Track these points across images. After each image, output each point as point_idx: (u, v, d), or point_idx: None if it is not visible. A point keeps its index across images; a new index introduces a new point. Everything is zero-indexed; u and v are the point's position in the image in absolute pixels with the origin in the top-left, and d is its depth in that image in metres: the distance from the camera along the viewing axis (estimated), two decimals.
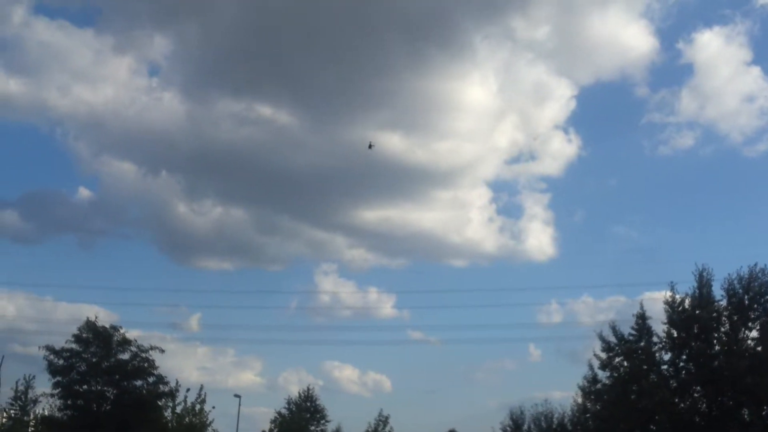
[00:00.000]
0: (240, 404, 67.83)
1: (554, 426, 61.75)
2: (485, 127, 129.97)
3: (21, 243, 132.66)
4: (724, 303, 43.25)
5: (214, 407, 60.44)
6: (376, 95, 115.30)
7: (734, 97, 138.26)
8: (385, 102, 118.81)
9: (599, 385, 46.31)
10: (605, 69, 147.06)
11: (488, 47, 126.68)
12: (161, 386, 52.89)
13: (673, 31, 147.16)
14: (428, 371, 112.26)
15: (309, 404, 73.98)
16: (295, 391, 79.88)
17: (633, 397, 43.48)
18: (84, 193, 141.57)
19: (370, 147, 63.25)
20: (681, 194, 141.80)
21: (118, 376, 51.69)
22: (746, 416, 41.24)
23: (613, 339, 45.10)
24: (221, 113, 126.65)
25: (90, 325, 52.06)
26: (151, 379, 52.41)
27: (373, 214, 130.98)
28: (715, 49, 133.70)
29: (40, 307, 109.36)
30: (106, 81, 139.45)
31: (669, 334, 43.95)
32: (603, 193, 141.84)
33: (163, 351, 53.04)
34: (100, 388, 51.70)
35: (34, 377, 59.38)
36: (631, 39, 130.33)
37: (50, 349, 50.69)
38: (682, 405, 43.00)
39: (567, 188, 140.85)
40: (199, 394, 59.52)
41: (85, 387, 51.63)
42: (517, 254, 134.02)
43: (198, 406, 58.92)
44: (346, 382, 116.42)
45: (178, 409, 57.87)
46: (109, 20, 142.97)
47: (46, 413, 54.92)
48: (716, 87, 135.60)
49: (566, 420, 59.33)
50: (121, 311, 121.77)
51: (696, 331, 42.93)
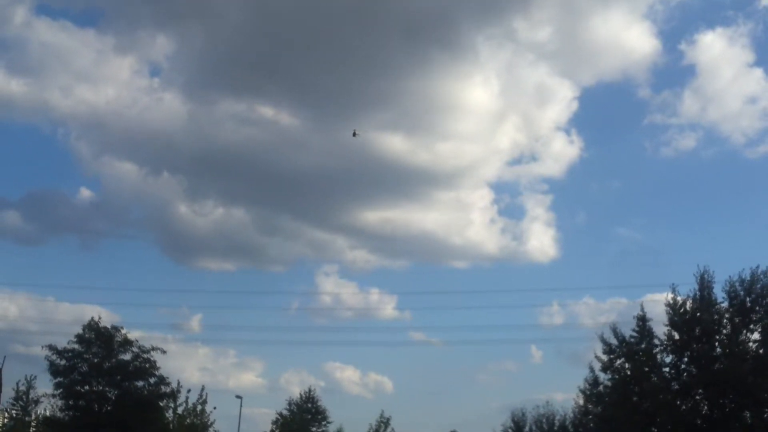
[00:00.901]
0: (241, 405, 67.90)
1: (555, 428, 61.75)
2: (487, 129, 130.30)
3: (23, 243, 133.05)
4: (725, 305, 43.19)
5: (215, 408, 60.78)
6: (377, 96, 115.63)
7: (736, 99, 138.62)
8: (387, 103, 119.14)
9: (600, 387, 46.25)
10: (607, 70, 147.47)
11: (490, 48, 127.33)
12: (162, 387, 52.98)
13: (675, 32, 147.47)
14: (430, 372, 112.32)
15: (310, 405, 73.99)
16: (296, 392, 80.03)
17: (634, 399, 43.46)
18: (86, 193, 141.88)
19: (354, 135, 64.02)
20: (683, 196, 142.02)
21: (119, 377, 51.76)
22: (748, 418, 41.22)
23: (614, 341, 45.06)
24: (223, 114, 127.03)
25: (93, 326, 52.13)
26: (153, 380, 52.49)
27: (375, 215, 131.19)
28: (718, 50, 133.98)
29: (42, 308, 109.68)
30: (108, 81, 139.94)
31: (670, 336, 43.86)
32: (605, 195, 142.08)
33: (164, 352, 53.21)
34: (101, 388, 51.76)
35: (35, 378, 59.65)
36: (633, 40, 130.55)
37: (53, 348, 50.80)
38: (684, 407, 42.89)
39: (569, 190, 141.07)
40: (201, 395, 59.88)
41: (87, 387, 51.70)
42: (518, 255, 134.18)
43: (199, 407, 59.19)
44: (348, 383, 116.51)
45: (180, 410, 58.16)
46: (111, 21, 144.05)
47: (48, 414, 55.05)
48: (718, 88, 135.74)
49: (568, 422, 59.33)
50: (122, 312, 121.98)
51: (697, 333, 42.86)
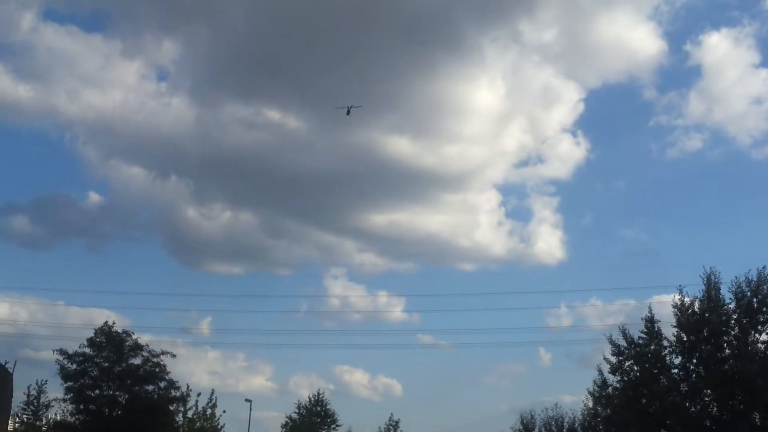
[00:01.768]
0: (251, 409, 67.85)
1: (565, 430, 61.67)
2: (493, 131, 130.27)
3: (31, 248, 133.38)
4: (732, 306, 43.17)
5: (224, 412, 60.75)
6: (384, 99, 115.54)
7: (742, 100, 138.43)
8: (393, 105, 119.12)
9: (609, 389, 46.24)
10: (613, 72, 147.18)
11: (496, 50, 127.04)
12: (172, 391, 53.27)
13: (680, 33, 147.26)
14: (438, 375, 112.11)
15: (319, 408, 73.96)
16: (305, 395, 79.62)
17: (643, 401, 43.46)
18: (94, 197, 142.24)
19: (348, 113, 61.70)
20: (689, 197, 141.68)
21: (129, 381, 52.08)
22: (757, 419, 41.15)
23: (622, 343, 45.06)
24: (229, 117, 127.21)
25: (105, 330, 52.41)
26: (163, 384, 52.83)
27: (382, 218, 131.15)
28: (723, 51, 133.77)
29: (52, 312, 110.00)
30: (115, 86, 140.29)
31: (679, 338, 43.83)
32: (611, 196, 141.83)
33: (174, 356, 53.60)
34: (111, 392, 52.08)
35: (46, 382, 59.74)
36: (638, 41, 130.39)
37: (63, 353, 51.14)
38: (693, 409, 42.89)
39: (575, 191, 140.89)
40: (210, 399, 59.91)
41: (97, 392, 52.02)
42: (526, 258, 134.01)
43: (209, 411, 59.23)
44: (357, 385, 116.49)
45: (189, 414, 58.20)
46: (118, 25, 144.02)
47: (58, 418, 55.28)
48: (724, 89, 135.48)
49: (577, 424, 59.26)
50: (131, 315, 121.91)
51: (706, 334, 42.82)
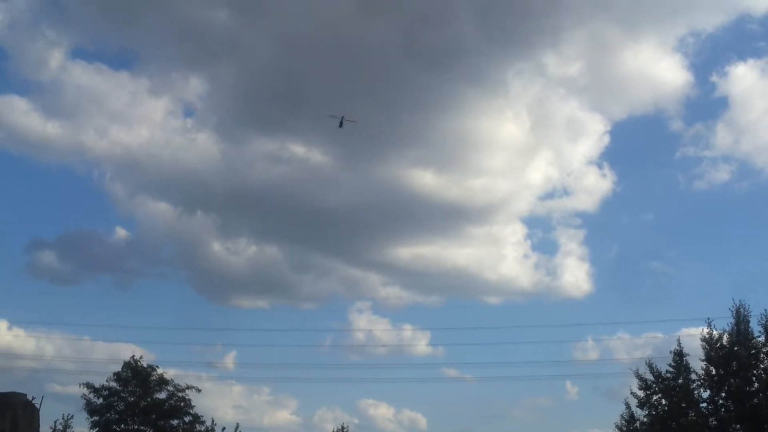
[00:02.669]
0: None
1: None
2: (519, 164, 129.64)
3: (59, 283, 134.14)
4: (762, 339, 42.68)
5: None
6: (408, 133, 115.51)
7: None
8: (418, 139, 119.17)
9: (637, 424, 45.68)
10: (639, 103, 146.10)
11: (520, 83, 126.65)
12: (197, 425, 53.13)
13: (707, 64, 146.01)
14: (464, 409, 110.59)
15: None
16: (330, 429, 78.56)
17: None
18: (121, 233, 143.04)
19: (341, 125, 59.37)
20: (717, 229, 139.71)
21: (154, 416, 52.08)
22: None
23: (650, 376, 44.69)
24: (255, 152, 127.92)
25: (131, 364, 52.74)
26: (188, 419, 52.73)
27: (407, 251, 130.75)
28: (750, 82, 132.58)
29: (78, 347, 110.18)
30: (142, 122, 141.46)
31: (707, 371, 43.41)
32: (638, 229, 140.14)
33: (199, 390, 53.46)
34: (137, 427, 52.03)
35: (72, 417, 59.92)
36: (664, 73, 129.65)
37: (89, 386, 51.40)
38: None
39: (602, 224, 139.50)
40: None
41: (123, 426, 52.05)
42: (552, 290, 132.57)
43: None
44: (381, 420, 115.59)
45: None
46: (145, 63, 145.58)
47: None
48: (751, 120, 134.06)
49: None
50: (157, 350, 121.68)
51: (734, 368, 42.39)
